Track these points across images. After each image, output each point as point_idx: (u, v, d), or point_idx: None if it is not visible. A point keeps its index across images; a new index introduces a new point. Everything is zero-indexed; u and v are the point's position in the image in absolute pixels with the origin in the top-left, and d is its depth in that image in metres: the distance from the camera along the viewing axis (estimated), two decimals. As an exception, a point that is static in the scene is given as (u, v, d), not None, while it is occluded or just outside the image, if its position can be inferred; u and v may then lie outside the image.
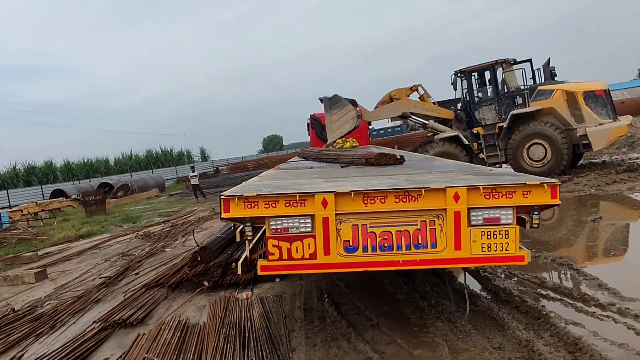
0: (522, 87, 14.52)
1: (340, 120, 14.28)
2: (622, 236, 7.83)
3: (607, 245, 7.27)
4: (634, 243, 7.19)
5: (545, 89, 14.08)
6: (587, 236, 7.97)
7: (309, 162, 8.97)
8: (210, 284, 6.87)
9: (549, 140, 13.57)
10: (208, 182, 32.15)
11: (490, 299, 5.28)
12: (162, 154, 55.53)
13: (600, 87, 13.95)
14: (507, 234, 3.84)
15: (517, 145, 14.02)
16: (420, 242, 3.90)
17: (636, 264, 6.07)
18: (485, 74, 15.25)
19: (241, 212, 3.81)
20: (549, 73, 14.69)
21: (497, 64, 14.70)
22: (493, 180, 4.12)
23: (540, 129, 13.73)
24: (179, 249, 10.52)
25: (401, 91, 15.63)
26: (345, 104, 14.41)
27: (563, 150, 13.44)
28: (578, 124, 13.52)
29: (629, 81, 63.64)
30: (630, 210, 9.65)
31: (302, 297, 6.06)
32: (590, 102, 13.55)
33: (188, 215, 17.05)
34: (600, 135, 13.29)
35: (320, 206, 3.82)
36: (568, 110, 13.64)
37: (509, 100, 14.54)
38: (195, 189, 22.93)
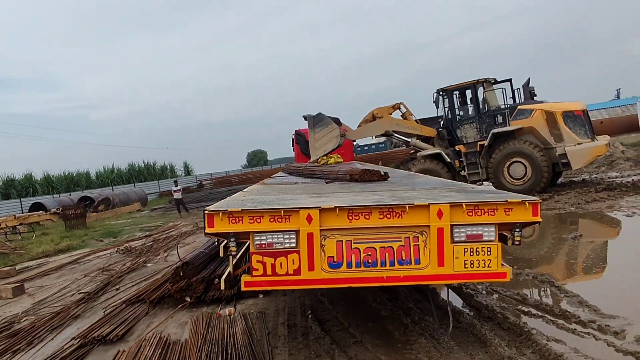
0: (503, 106, 14.77)
1: (323, 138, 14.36)
2: (602, 253, 7.94)
3: (587, 263, 7.37)
4: (613, 260, 7.29)
5: (525, 109, 14.35)
6: (567, 253, 8.06)
7: (293, 178, 8.97)
8: (192, 300, 6.79)
9: (529, 159, 13.79)
10: (191, 197, 31.90)
11: (473, 316, 5.31)
12: (145, 167, 55.11)
13: (579, 108, 14.29)
14: (489, 250, 3.88)
15: (498, 163, 14.21)
16: (404, 258, 3.92)
17: (616, 281, 6.15)
18: (467, 92, 15.50)
19: (225, 227, 3.79)
20: (528, 93, 14.98)
21: (478, 83, 14.95)
22: (475, 197, 4.17)
23: (520, 147, 13.95)
24: (161, 264, 10.40)
25: (384, 109, 15.79)
26: (329, 123, 14.51)
27: (543, 168, 13.67)
28: (557, 143, 13.78)
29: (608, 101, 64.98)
30: (609, 228, 9.80)
31: (286, 313, 6.03)
32: (569, 121, 13.86)
33: (170, 230, 16.89)
34: (579, 155, 13.57)
35: (305, 222, 3.82)
36: (547, 130, 13.91)
37: (489, 119, 14.77)
38: (178, 204, 22.75)
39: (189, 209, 23.10)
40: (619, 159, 20.42)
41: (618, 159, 20.29)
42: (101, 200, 30.26)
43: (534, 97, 14.98)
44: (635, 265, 6.80)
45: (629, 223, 9.36)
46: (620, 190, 12.65)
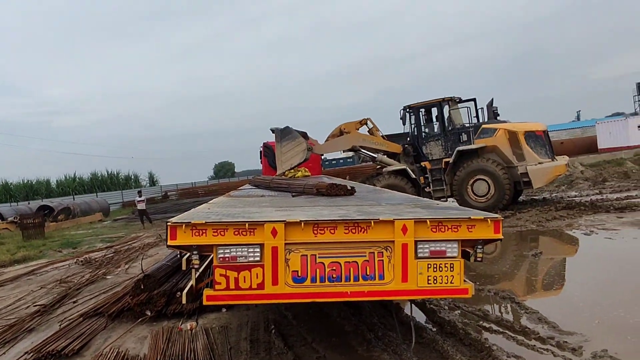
0: (467, 124, 15.10)
1: (290, 152, 14.39)
2: (561, 270, 8.13)
3: (547, 280, 7.53)
4: (572, 277, 7.47)
5: (489, 128, 14.70)
6: (528, 270, 8.23)
7: (260, 191, 8.91)
8: (153, 314, 6.64)
9: (492, 177, 14.08)
10: (155, 208, 31.42)
11: (436, 331, 5.34)
12: (108, 177, 54.05)
13: (540, 128, 14.79)
14: (452, 266, 3.91)
15: (462, 180, 14.46)
16: (369, 273, 3.92)
17: (574, 298, 6.29)
18: (433, 110, 15.78)
19: (188, 240, 3.72)
20: (492, 112, 15.41)
21: (444, 101, 15.23)
22: (440, 213, 4.21)
23: (484, 165, 14.25)
24: (122, 276, 10.15)
25: (351, 125, 15.90)
26: (296, 137, 14.55)
27: (505, 186, 13.98)
28: (519, 162, 14.14)
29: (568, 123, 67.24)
30: (568, 246, 10.06)
31: (249, 328, 5.95)
32: (531, 141, 14.27)
33: (133, 241, 16.53)
34: (540, 174, 13.95)
35: (270, 235, 3.78)
36: (510, 149, 14.27)
37: (454, 137, 15.05)
38: (141, 214, 22.33)
39: (153, 220, 22.71)
40: (578, 178, 21.06)
41: (577, 179, 20.92)
42: (61, 210, 29.43)
43: (497, 116, 15.42)
44: (592, 282, 6.98)
45: (586, 241, 9.61)
46: (579, 209, 13.00)
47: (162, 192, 48.04)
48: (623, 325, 5.14)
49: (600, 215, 11.91)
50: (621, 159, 25.31)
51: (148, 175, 61.58)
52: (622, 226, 10.30)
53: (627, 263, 7.78)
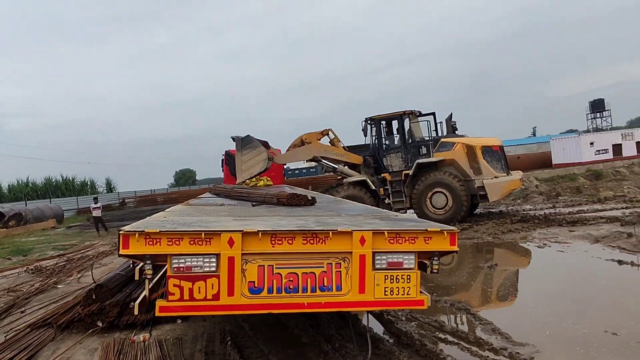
0: (426, 138, 15.39)
1: (251, 161, 14.31)
2: (515, 282, 8.33)
3: (501, 291, 7.69)
4: (525, 289, 7.66)
5: (447, 141, 15.04)
6: (483, 282, 8.38)
7: (220, 199, 8.80)
8: (104, 325, 6.42)
9: (450, 190, 14.36)
10: (112, 215, 30.63)
11: (393, 343, 5.36)
12: (63, 182, 52.30)
13: (496, 143, 15.31)
14: (408, 278, 3.94)
15: (421, 193, 14.67)
16: (326, 284, 3.90)
17: (527, 309, 6.44)
18: (393, 123, 16.00)
19: (141, 249, 3.61)
20: (450, 127, 15.78)
21: (405, 114, 15.48)
22: (397, 225, 4.24)
23: (442, 178, 14.52)
24: (73, 285, 9.82)
25: (312, 135, 15.94)
26: (257, 146, 14.47)
27: (463, 199, 14.29)
28: (476, 175, 14.51)
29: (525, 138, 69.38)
30: (522, 258, 10.31)
31: (204, 340, 5.83)
32: (487, 156, 14.69)
33: (87, 250, 16.03)
34: (496, 187, 14.35)
35: (227, 245, 3.72)
36: (467, 163, 14.63)
37: (414, 150, 15.30)
38: (96, 222, 21.71)
39: (109, 227, 22.09)
40: (533, 192, 21.69)
41: (532, 193, 21.54)
42: (12, 216, 28.30)
43: (455, 130, 15.82)
44: (544, 293, 7.15)
45: (540, 254, 9.88)
46: (534, 222, 13.39)
47: (119, 199, 46.85)
48: (572, 336, 5.28)
49: (553, 229, 12.27)
50: (574, 175, 26.23)
51: (105, 182, 59.91)
52: (573, 239, 10.64)
53: (577, 275, 8.04)
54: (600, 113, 65.44)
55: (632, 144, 34.59)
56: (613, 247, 9.45)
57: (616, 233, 10.57)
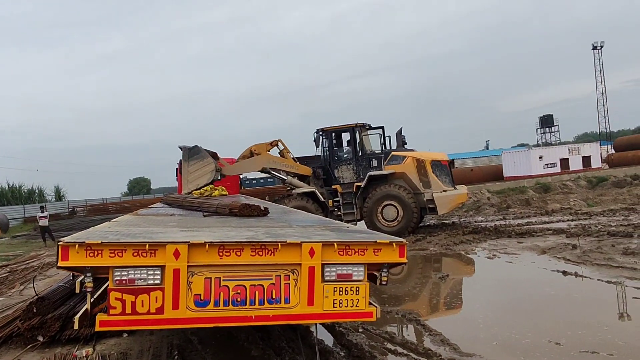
0: (376, 150, 15.64)
1: (197, 172, 14.07)
2: (464, 292, 8.47)
3: (451, 301, 7.81)
4: (474, 299, 7.79)
5: (398, 155, 15.35)
6: (434, 292, 8.50)
7: (172, 209, 8.61)
8: (45, 339, 6.14)
9: (400, 202, 14.58)
10: (60, 224, 29.61)
11: (343, 355, 5.34)
12: (9, 190, 50.18)
13: (445, 158, 15.84)
14: (357, 290, 3.93)
15: (372, 205, 14.79)
16: (274, 297, 3.84)
17: (476, 319, 6.54)
18: (345, 135, 16.10)
19: (81, 261, 3.46)
20: (400, 140, 16.07)
21: (357, 127, 15.61)
22: (347, 237, 4.24)
23: (393, 191, 14.72)
24: (15, 298, 9.39)
25: (261, 146, 15.84)
26: (204, 156, 14.25)
27: (413, 212, 14.55)
28: (425, 189, 14.83)
29: (478, 151, 71.34)
30: (472, 269, 10.52)
31: (150, 354, 5.67)
32: (437, 170, 15.08)
33: (32, 260, 15.42)
34: (445, 201, 14.75)
35: (172, 257, 3.62)
36: (417, 176, 14.96)
37: (365, 162, 15.44)
38: (43, 231, 20.86)
39: (56, 237, 21.24)
40: (485, 204, 22.25)
41: (484, 205, 22.10)
42: (-48, 224, 26.93)
43: (405, 144, 16.15)
44: (492, 304, 7.31)
45: (489, 264, 10.12)
46: (485, 233, 13.71)
47: (69, 208, 45.34)
48: (518, 346, 5.40)
49: (502, 240, 12.61)
50: (524, 187, 27.07)
51: (54, 190, 57.88)
52: (521, 251, 10.95)
53: (525, 286, 8.25)
54: (549, 128, 67.96)
55: (578, 159, 36.08)
56: (559, 258, 9.76)
57: (562, 245, 10.94)
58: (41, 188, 55.29)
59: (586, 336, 5.53)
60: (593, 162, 35.97)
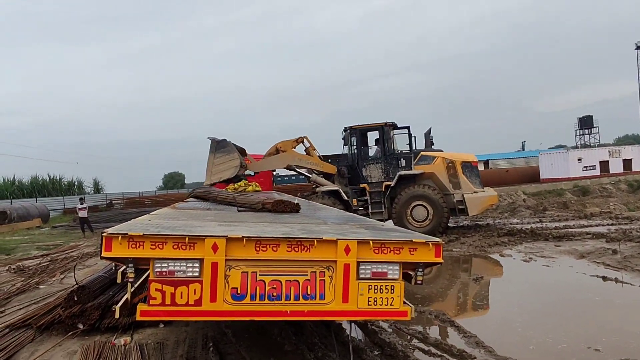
0: (403, 150, 15.56)
1: (222, 165, 14.14)
2: (499, 295, 8.33)
3: (486, 304, 7.71)
4: (510, 302, 7.66)
5: (427, 155, 15.27)
6: (468, 294, 8.39)
7: (208, 204, 8.73)
8: (85, 327, 6.33)
9: (431, 203, 14.46)
10: (99, 216, 30.35)
11: (376, 353, 5.33)
12: (50, 182, 51.68)
13: (474, 159, 15.67)
14: (392, 289, 3.92)
15: (402, 205, 14.69)
16: (309, 293, 3.87)
17: (511, 322, 6.44)
18: (375, 134, 15.98)
19: (124, 252, 3.56)
20: (429, 141, 15.93)
21: (386, 125, 15.49)
22: (383, 235, 4.23)
23: (423, 191, 14.60)
24: (56, 286, 9.70)
25: (287, 143, 15.84)
26: (231, 151, 14.31)
27: (444, 212, 14.40)
28: (455, 190, 14.70)
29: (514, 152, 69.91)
30: (507, 272, 10.33)
31: (186, 345, 5.77)
32: (467, 171, 14.95)
33: (71, 250, 15.87)
34: (475, 202, 14.62)
35: (210, 250, 3.69)
36: (447, 177, 14.85)
37: (394, 162, 15.35)
38: (82, 223, 21.48)
39: (95, 229, 21.86)
40: (520, 206, 21.84)
41: (520, 207, 21.69)
42: (-4, 214, 27.95)
43: (432, 145, 15.99)
44: (528, 307, 7.17)
45: (525, 268, 9.92)
46: (520, 236, 13.46)
47: (106, 201, 46.49)
48: (555, 351, 5.30)
49: (539, 243, 12.35)
50: (561, 190, 26.45)
51: (93, 182, 59.36)
52: (559, 254, 10.70)
53: (562, 290, 8.07)
54: (588, 130, 66.09)
55: (619, 161, 35.02)
56: (598, 263, 9.51)
57: (601, 249, 10.65)
58: (80, 180, 56.80)
59: (626, 343, 5.38)
60: (634, 165, 34.84)
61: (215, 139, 14.67)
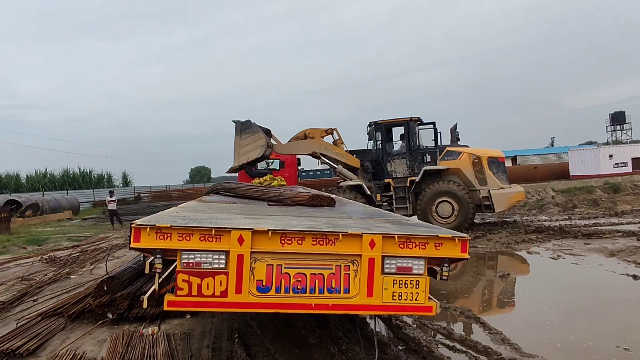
0: (428, 146, 15.37)
1: (249, 146, 14.06)
2: (526, 292, 8.20)
3: (512, 301, 7.61)
4: (536, 300, 7.54)
5: (453, 150, 15.08)
6: (494, 291, 8.30)
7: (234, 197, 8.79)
8: (114, 316, 6.49)
9: (456, 199, 14.29)
10: (127, 209, 30.94)
11: (400, 348, 5.33)
12: (80, 175, 52.95)
13: (501, 155, 15.42)
14: (417, 284, 3.91)
15: (427, 201, 14.57)
16: (334, 286, 3.89)
17: (538, 320, 6.35)
18: (400, 129, 15.83)
19: (152, 243, 3.64)
20: (455, 136, 15.74)
21: (411, 121, 15.34)
22: (408, 230, 4.22)
23: (449, 187, 14.46)
24: (86, 276, 9.93)
25: (316, 131, 15.77)
26: (256, 131, 14.24)
27: (470, 209, 14.25)
28: (481, 186, 14.53)
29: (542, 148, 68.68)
30: (535, 269, 10.17)
31: (212, 336, 5.86)
32: (493, 167, 14.73)
33: (100, 242, 16.23)
34: (502, 199, 14.41)
35: (236, 243, 3.73)
36: (473, 173, 14.67)
37: (420, 157, 15.21)
38: (112, 215, 21.94)
39: (123, 221, 22.30)
40: (549, 203, 21.44)
41: (548, 204, 21.29)
42: (29, 205, 28.71)
43: (458, 140, 15.84)
44: (556, 305, 7.05)
45: (553, 265, 9.76)
46: (548, 233, 13.23)
47: (135, 194, 47.37)
48: (583, 350, 5.21)
49: (568, 241, 12.13)
50: (591, 187, 25.85)
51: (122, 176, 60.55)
52: (588, 252, 10.50)
53: (591, 289, 7.92)
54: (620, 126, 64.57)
55: (652, 158, 34.07)
56: (628, 261, 9.30)
57: (632, 247, 10.40)
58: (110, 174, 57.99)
59: (658, 344, 5.26)
60: (668, 162, 33.84)
61: (239, 121, 14.65)
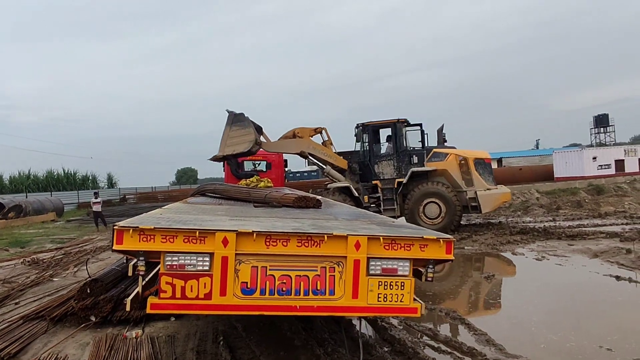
0: (415, 147, 15.43)
1: (237, 138, 13.91)
2: (511, 293, 8.27)
3: (497, 302, 7.65)
4: (521, 300, 7.60)
5: (440, 152, 15.17)
6: (479, 292, 8.34)
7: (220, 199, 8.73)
8: (97, 319, 6.41)
9: (444, 200, 14.38)
10: (112, 210, 30.62)
11: (386, 350, 5.33)
12: (65, 176, 52.34)
13: (488, 156, 15.52)
14: (402, 285, 3.91)
15: (414, 202, 14.63)
16: (319, 288, 3.87)
17: (522, 321, 6.39)
18: (387, 130, 15.87)
19: (135, 245, 3.59)
20: (441, 138, 15.83)
21: (398, 122, 15.37)
22: (393, 231, 4.21)
23: (436, 188, 14.53)
24: (69, 279, 9.81)
25: (305, 130, 15.69)
26: (247, 125, 14.08)
27: (456, 210, 14.32)
28: (467, 187, 14.63)
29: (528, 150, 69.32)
30: (519, 270, 10.24)
31: (197, 339, 5.81)
32: (480, 168, 14.84)
33: (85, 244, 16.06)
34: (489, 199, 14.52)
35: (221, 244, 3.70)
36: (460, 174, 14.76)
37: (407, 158, 15.26)
38: (96, 216, 21.69)
39: (108, 222, 22.05)
40: (533, 205, 21.65)
41: (533, 205, 21.50)
42: (12, 207, 28.33)
43: (445, 142, 15.95)
44: (540, 306, 7.11)
45: (538, 266, 9.84)
46: (533, 234, 13.35)
47: (120, 195, 46.94)
48: (567, 350, 5.25)
49: (552, 242, 12.24)
50: (575, 189, 26.16)
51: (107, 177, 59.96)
52: (572, 253, 10.60)
53: (575, 289, 8.00)
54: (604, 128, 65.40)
55: (634, 160, 34.56)
56: (611, 262, 9.41)
57: (615, 249, 10.53)
58: (94, 175, 57.41)
59: (639, 343, 5.31)
60: (650, 164, 34.34)
61: (233, 112, 14.53)
